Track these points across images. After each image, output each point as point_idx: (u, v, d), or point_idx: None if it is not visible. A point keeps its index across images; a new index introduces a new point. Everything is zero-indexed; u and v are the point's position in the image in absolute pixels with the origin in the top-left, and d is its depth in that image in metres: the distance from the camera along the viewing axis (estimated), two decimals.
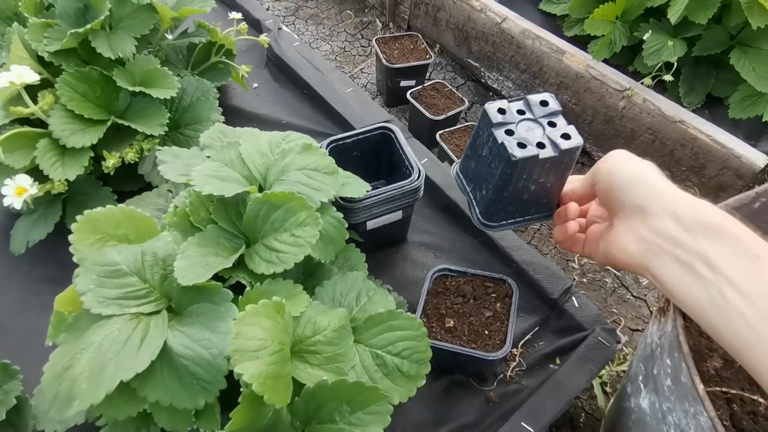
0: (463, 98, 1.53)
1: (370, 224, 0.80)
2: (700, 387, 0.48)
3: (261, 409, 0.49)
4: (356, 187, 0.70)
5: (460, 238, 0.98)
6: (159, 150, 0.69)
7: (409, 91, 1.51)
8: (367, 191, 0.72)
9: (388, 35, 1.70)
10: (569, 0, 1.54)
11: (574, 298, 0.85)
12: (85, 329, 0.51)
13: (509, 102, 0.52)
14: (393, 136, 0.84)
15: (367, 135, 0.85)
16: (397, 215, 0.82)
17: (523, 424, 0.70)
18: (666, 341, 0.58)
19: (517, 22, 1.54)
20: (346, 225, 0.65)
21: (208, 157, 0.69)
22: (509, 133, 0.51)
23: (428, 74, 1.81)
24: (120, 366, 0.47)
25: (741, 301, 0.37)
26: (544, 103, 0.53)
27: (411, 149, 0.82)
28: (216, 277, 0.55)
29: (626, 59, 1.47)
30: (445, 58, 1.87)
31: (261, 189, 0.63)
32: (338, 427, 0.52)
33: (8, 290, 0.89)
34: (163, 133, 0.88)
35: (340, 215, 0.65)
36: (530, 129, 0.51)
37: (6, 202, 0.76)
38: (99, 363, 0.48)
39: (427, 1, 1.79)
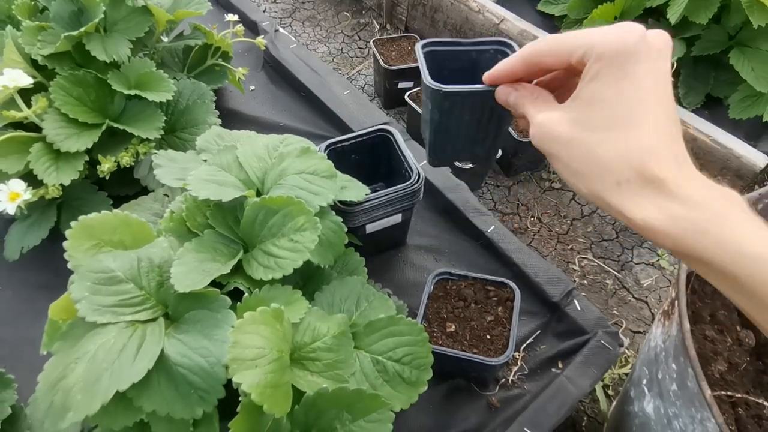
0: None
1: (370, 228, 0.79)
2: (708, 392, 0.48)
3: (260, 419, 0.48)
4: (355, 190, 0.69)
5: (460, 241, 0.97)
6: (155, 154, 0.68)
7: (407, 93, 1.51)
8: (366, 194, 0.71)
9: (385, 37, 1.69)
10: (567, 0, 1.54)
11: (575, 300, 0.84)
12: (80, 338, 0.50)
13: None
14: (392, 138, 0.83)
15: (365, 138, 0.84)
16: (397, 218, 0.81)
17: (526, 429, 0.69)
18: (671, 345, 0.57)
19: (515, 23, 1.54)
20: (346, 229, 0.64)
21: (205, 160, 0.68)
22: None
23: None
24: (116, 376, 0.46)
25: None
26: None
27: (410, 151, 0.81)
28: (213, 283, 0.54)
29: None
30: None
31: (259, 193, 0.62)
32: None
33: (2, 297, 0.88)
34: (159, 137, 0.87)
35: (340, 219, 0.64)
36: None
37: None
38: (94, 373, 0.47)
39: (425, 3, 1.79)
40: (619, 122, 0.33)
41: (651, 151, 0.32)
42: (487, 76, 0.44)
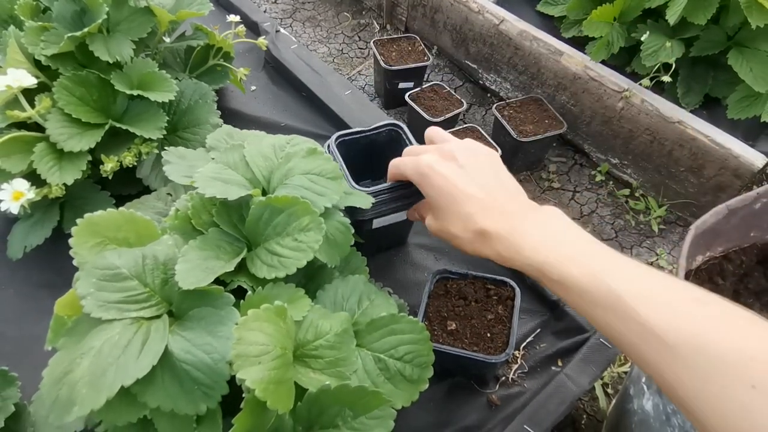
0: (462, 100, 1.53)
1: (377, 223, 0.79)
2: None
3: (263, 415, 0.48)
4: (361, 197, 0.69)
5: None
6: (165, 150, 0.68)
7: (408, 93, 1.51)
8: (373, 203, 0.70)
9: (385, 37, 1.69)
10: (567, 1, 1.54)
11: None
12: (85, 333, 0.50)
13: None
14: (402, 133, 0.81)
15: (376, 132, 0.82)
16: (402, 215, 0.81)
17: (526, 427, 0.70)
18: None
19: (515, 24, 1.54)
20: (353, 230, 0.64)
21: (214, 158, 0.68)
22: None
23: (426, 76, 1.81)
24: (120, 371, 0.47)
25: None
26: None
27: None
28: (217, 281, 0.54)
29: (624, 60, 1.48)
30: (443, 60, 1.87)
31: (264, 192, 0.63)
32: None
33: (5, 296, 0.88)
34: (161, 137, 0.87)
35: (347, 220, 0.64)
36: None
37: (3, 206, 0.76)
38: (99, 368, 0.47)
39: (425, 3, 1.79)
40: (447, 209, 0.54)
41: (471, 216, 0.51)
42: (388, 177, 0.69)
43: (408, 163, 0.59)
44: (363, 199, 0.70)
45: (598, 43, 1.37)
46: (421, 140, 0.96)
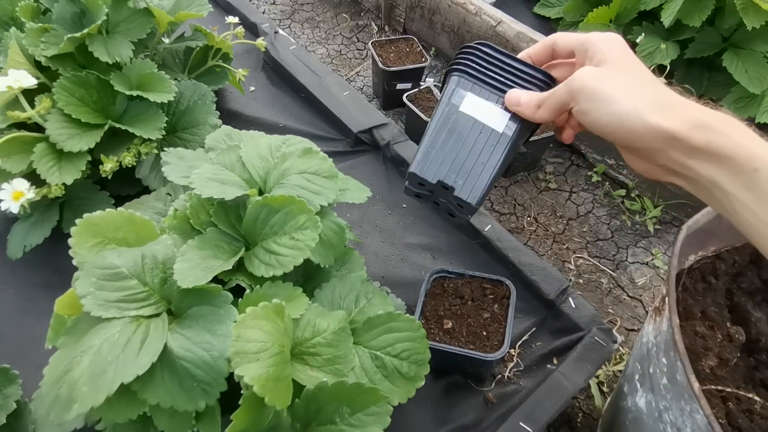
0: None
1: (467, 104, 0.55)
2: (696, 385, 0.49)
3: (261, 411, 0.49)
4: (356, 192, 0.69)
5: (457, 240, 0.98)
6: (164, 151, 0.69)
7: (406, 94, 1.52)
8: (368, 196, 0.70)
9: (384, 38, 1.70)
10: (564, 3, 1.55)
11: (570, 298, 0.85)
12: (85, 332, 0.51)
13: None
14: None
15: None
16: (502, 119, 0.53)
17: (521, 424, 0.71)
18: (662, 340, 0.59)
19: (512, 26, 1.55)
20: (346, 230, 0.65)
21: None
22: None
23: (424, 77, 1.82)
24: (120, 369, 0.47)
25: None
26: None
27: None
28: (216, 279, 0.55)
29: None
30: (441, 61, 1.88)
31: (261, 192, 0.63)
32: (338, 429, 0.52)
33: (5, 295, 0.89)
34: (161, 137, 0.88)
35: (341, 220, 0.65)
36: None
37: (3, 206, 0.76)
38: (99, 366, 0.48)
39: (423, 5, 1.80)
40: (633, 72, 0.49)
41: (665, 89, 0.47)
42: (523, 54, 0.57)
43: (594, 33, 0.52)
44: (358, 193, 0.70)
45: None
46: (415, 140, 0.97)
